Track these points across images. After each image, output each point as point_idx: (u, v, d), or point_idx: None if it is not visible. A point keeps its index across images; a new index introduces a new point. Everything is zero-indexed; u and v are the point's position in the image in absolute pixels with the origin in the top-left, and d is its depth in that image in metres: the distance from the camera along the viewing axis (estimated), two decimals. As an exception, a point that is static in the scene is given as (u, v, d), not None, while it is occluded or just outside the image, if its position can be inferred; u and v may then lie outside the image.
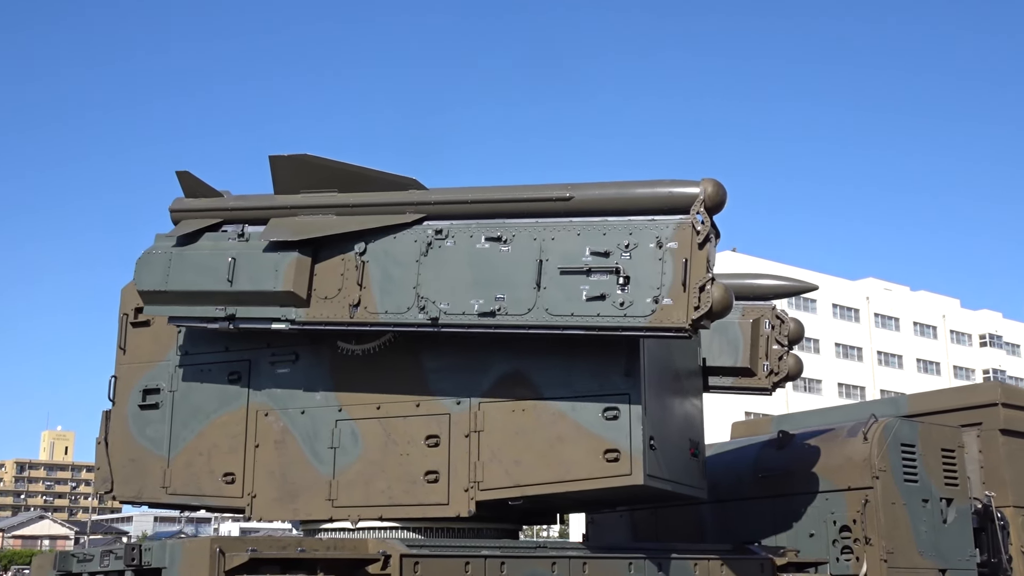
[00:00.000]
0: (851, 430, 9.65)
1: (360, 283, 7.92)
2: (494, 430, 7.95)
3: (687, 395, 8.73)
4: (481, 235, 7.70)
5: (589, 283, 7.32)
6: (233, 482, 8.63)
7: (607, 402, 7.67)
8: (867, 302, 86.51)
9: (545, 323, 7.39)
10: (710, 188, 7.20)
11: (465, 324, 7.60)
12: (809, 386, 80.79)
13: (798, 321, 9.99)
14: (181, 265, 8.36)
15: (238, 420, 8.75)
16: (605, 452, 7.61)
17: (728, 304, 7.14)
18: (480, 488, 7.89)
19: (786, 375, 9.84)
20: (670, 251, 7.18)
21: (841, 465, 9.44)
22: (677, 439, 8.36)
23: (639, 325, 7.16)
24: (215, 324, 8.25)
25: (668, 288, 7.11)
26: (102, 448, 9.25)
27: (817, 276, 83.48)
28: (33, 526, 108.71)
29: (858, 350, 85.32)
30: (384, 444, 8.22)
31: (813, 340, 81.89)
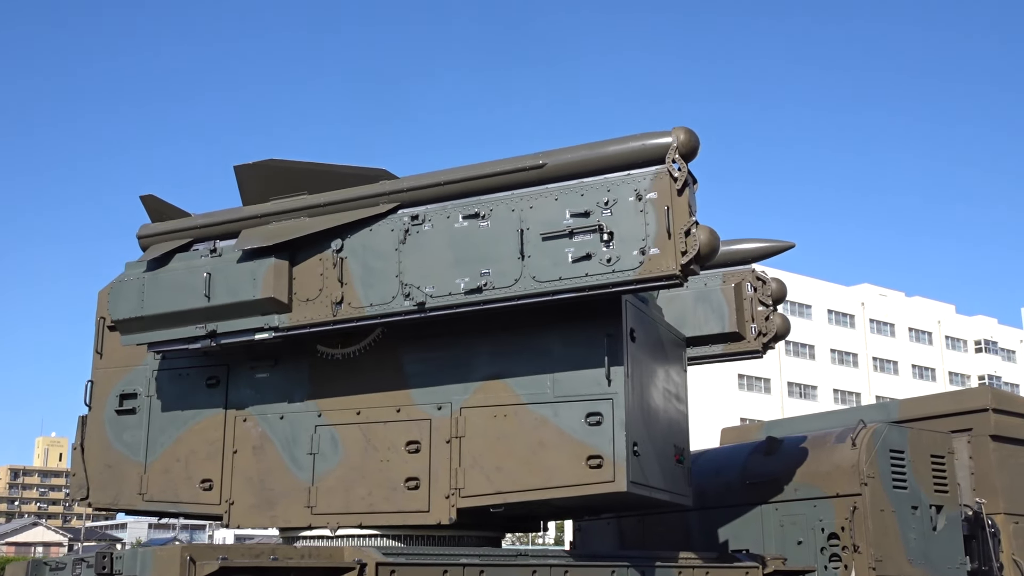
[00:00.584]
0: (839, 436, 9.54)
1: (341, 280, 7.83)
2: (475, 436, 7.83)
3: (672, 401, 8.60)
4: (458, 214, 7.61)
5: (573, 245, 7.24)
6: (211, 489, 8.50)
7: (590, 407, 7.55)
8: (862, 308, 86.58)
9: (534, 291, 7.30)
10: (682, 135, 7.14)
11: (453, 305, 7.50)
12: (805, 392, 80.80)
13: (780, 281, 9.99)
14: (155, 288, 8.25)
15: (216, 426, 8.63)
16: (588, 458, 7.47)
17: (715, 246, 7.06)
18: (461, 495, 7.77)
19: (775, 334, 9.85)
20: (650, 202, 7.11)
21: (829, 472, 9.33)
22: (662, 445, 8.22)
23: (629, 279, 7.08)
24: (197, 344, 8.14)
25: (653, 238, 7.04)
26: (78, 454, 9.13)
27: (812, 282, 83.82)
28: (27, 533, 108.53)
29: (853, 356, 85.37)
30: (364, 450, 8.09)
31: (808, 346, 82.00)
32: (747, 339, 9.83)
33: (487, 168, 7.65)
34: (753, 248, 10.01)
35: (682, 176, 7.08)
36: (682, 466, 8.63)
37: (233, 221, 8.29)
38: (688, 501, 8.78)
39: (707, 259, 7.09)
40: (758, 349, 9.86)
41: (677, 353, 8.83)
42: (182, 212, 8.61)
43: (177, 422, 8.74)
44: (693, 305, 9.80)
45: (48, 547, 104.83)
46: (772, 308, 9.89)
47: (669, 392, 8.52)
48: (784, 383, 79.98)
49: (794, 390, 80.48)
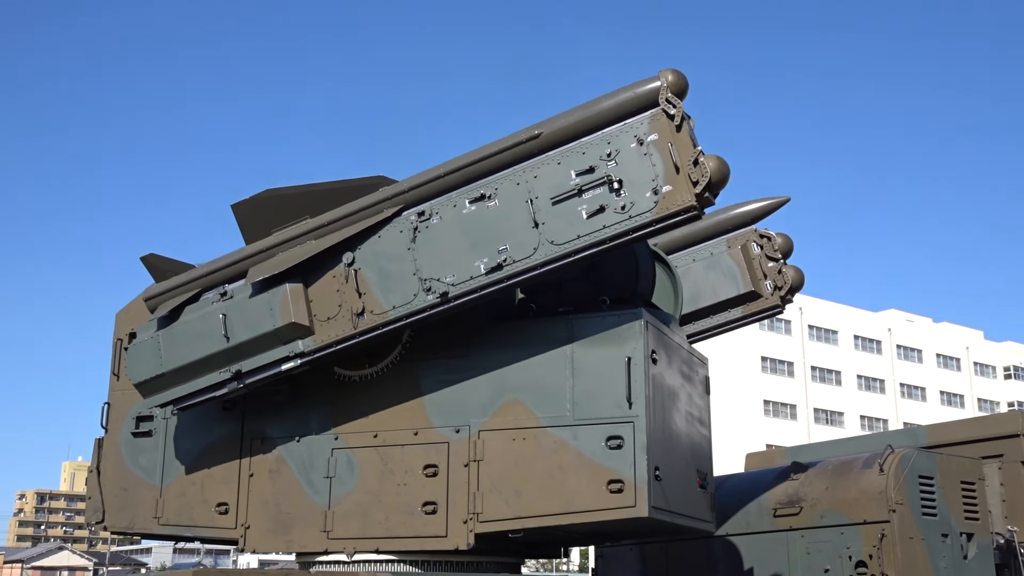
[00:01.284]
0: (867, 461, 9.35)
1: (359, 291, 7.79)
2: (494, 459, 7.72)
3: (695, 425, 8.45)
4: (464, 201, 7.60)
5: (585, 202, 7.25)
6: (226, 512, 8.43)
7: (610, 430, 7.44)
8: (889, 334, 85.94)
9: (554, 256, 7.29)
10: (671, 76, 7.18)
11: (477, 288, 7.48)
12: (831, 418, 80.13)
13: (784, 235, 9.99)
14: (171, 343, 8.20)
15: (232, 448, 8.56)
16: (608, 483, 7.35)
17: (726, 171, 7.07)
18: (479, 520, 7.65)
19: (790, 286, 9.90)
20: (652, 144, 7.15)
21: (856, 498, 9.13)
22: (684, 470, 8.08)
23: (647, 220, 7.09)
24: (224, 389, 8.07)
25: (663, 177, 7.08)
26: (93, 476, 9.04)
27: (838, 308, 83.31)
28: (52, 557, 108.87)
29: (880, 382, 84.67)
30: (381, 474, 8.00)
31: (835, 372, 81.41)
32: (764, 296, 9.87)
33: (484, 151, 7.62)
34: (750, 209, 10.02)
35: (678, 112, 7.10)
36: (705, 491, 8.47)
37: (239, 262, 8.23)
38: (712, 527, 8.62)
39: (719, 186, 7.09)
40: (777, 304, 9.90)
41: (700, 376, 8.71)
42: (186, 265, 8.59)
43: (193, 445, 8.67)
44: (704, 275, 9.87)
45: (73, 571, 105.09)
46: (782, 262, 9.92)
47: (692, 416, 8.37)
48: (810, 409, 79.35)
49: (820, 416, 79.83)
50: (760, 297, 9.86)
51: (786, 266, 9.93)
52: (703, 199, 7.03)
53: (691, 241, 10.00)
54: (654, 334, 7.73)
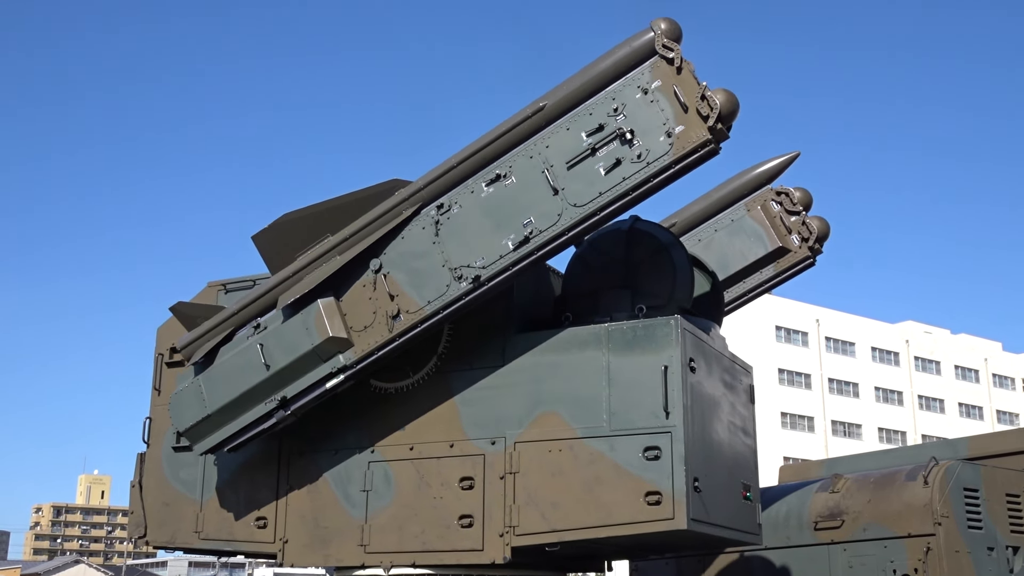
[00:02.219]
0: (910, 473, 9.21)
1: (391, 294, 7.79)
2: (530, 471, 7.63)
3: (738, 435, 8.32)
4: (480, 185, 7.63)
5: (600, 159, 7.28)
6: (265, 527, 8.41)
7: (647, 440, 7.33)
8: (907, 345, 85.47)
9: (579, 218, 7.30)
10: (663, 24, 7.24)
11: (509, 266, 7.48)
12: (849, 431, 79.68)
13: (802, 188, 10.04)
14: (212, 384, 8.22)
15: (271, 463, 8.55)
16: (646, 494, 7.24)
17: (735, 101, 7.09)
18: (516, 533, 7.56)
19: (817, 236, 9.99)
20: (657, 90, 7.19)
21: (900, 511, 8.99)
22: (727, 481, 7.95)
23: (667, 163, 7.11)
24: (273, 419, 8.06)
25: (673, 119, 7.11)
26: (136, 491, 9.05)
27: (855, 319, 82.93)
28: (69, 571, 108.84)
29: (898, 394, 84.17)
30: (417, 487, 7.94)
31: (852, 384, 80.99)
32: (793, 250, 9.96)
33: (493, 133, 7.67)
34: (763, 169, 10.06)
35: (677, 55, 7.14)
36: (750, 503, 8.31)
37: (267, 293, 8.25)
38: (758, 540, 8.47)
39: (730, 118, 7.11)
40: (808, 255, 10.02)
41: (743, 385, 8.58)
42: (215, 308, 8.65)
43: (233, 459, 8.63)
44: (729, 242, 9.93)
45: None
46: (804, 214, 10.00)
47: (735, 425, 8.24)
48: (828, 422, 78.92)
49: (838, 429, 79.39)
50: (789, 252, 9.96)
51: (809, 217, 10.00)
52: (717, 132, 7.05)
53: (711, 212, 10.11)
54: (692, 342, 7.63)
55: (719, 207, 10.09)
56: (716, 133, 7.04)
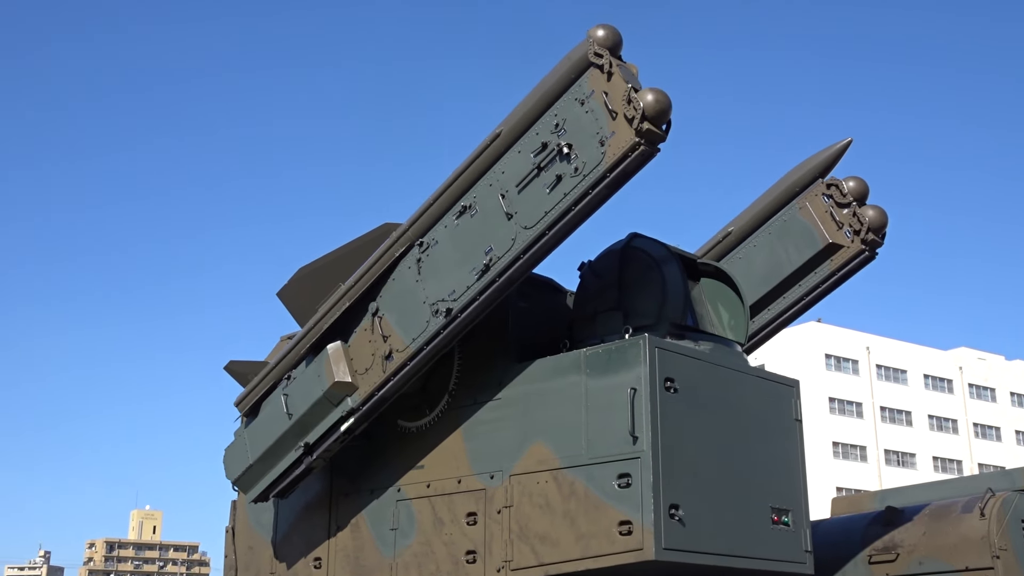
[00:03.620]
0: (966, 505, 8.99)
1: (384, 335, 7.96)
2: (522, 505, 7.57)
3: (766, 458, 7.92)
4: (452, 219, 7.74)
5: (544, 178, 7.25)
6: (320, 567, 8.64)
7: (620, 468, 7.11)
8: (960, 372, 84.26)
9: (530, 240, 7.27)
10: (599, 31, 7.10)
11: (474, 296, 7.52)
12: (903, 460, 78.56)
13: (856, 177, 9.30)
14: (253, 435, 8.66)
15: (323, 503, 8.79)
16: (619, 524, 7.02)
17: (661, 99, 6.84)
18: (511, 568, 7.53)
19: (869, 227, 9.15)
20: (591, 99, 7.07)
21: (957, 544, 8.78)
22: (742, 506, 7.57)
23: (601, 173, 6.98)
24: (302, 466, 8.37)
25: (606, 126, 6.98)
26: (229, 536, 9.56)
27: (907, 347, 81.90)
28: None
29: (953, 422, 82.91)
30: (433, 524, 8.03)
31: (905, 412, 79.93)
32: (845, 245, 9.20)
33: (462, 167, 7.73)
34: (813, 164, 9.43)
35: (606, 61, 7.01)
36: (788, 528, 7.89)
37: (296, 345, 8.58)
38: (804, 568, 8.06)
39: (659, 117, 6.87)
40: (862, 249, 9.19)
41: (783, 402, 8.18)
42: (261, 364, 9.04)
43: (297, 502, 8.94)
44: (780, 244, 9.38)
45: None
46: (854, 204, 9.23)
47: (760, 447, 7.86)
48: (881, 451, 77.88)
49: (891, 458, 78.29)
50: (841, 248, 9.22)
51: (861, 207, 9.23)
52: (646, 133, 6.84)
53: (766, 215, 9.57)
54: (669, 360, 7.35)
55: (773, 209, 9.54)
56: (645, 135, 6.84)
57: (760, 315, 9.45)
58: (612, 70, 7.02)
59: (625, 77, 6.99)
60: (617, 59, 7.08)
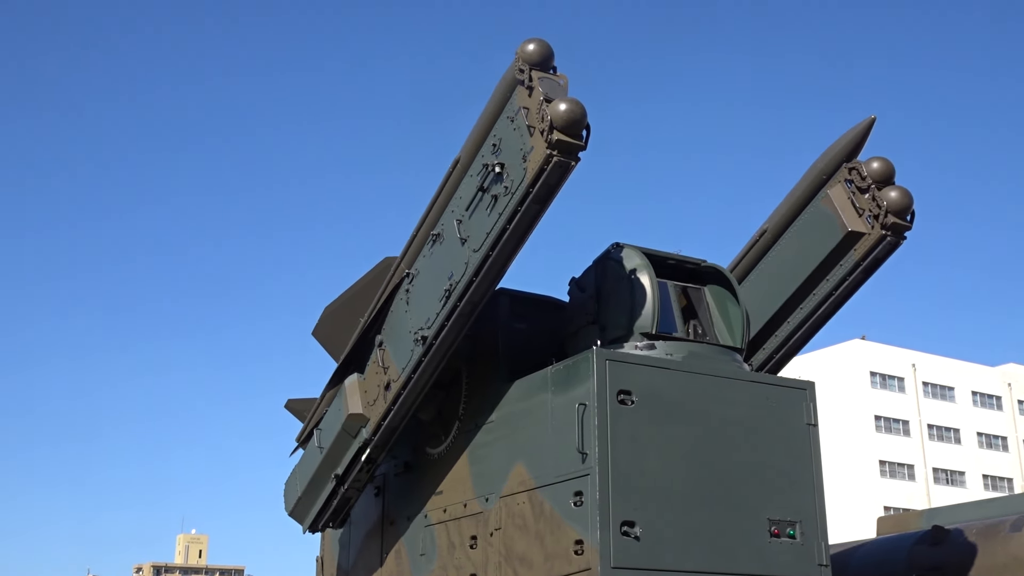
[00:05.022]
0: (1015, 524, 8.88)
1: (384, 366, 8.15)
2: (508, 527, 7.57)
3: (768, 461, 7.52)
4: (428, 248, 7.91)
5: (485, 199, 7.30)
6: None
7: (575, 485, 7.00)
8: (1009, 389, 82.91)
9: (478, 262, 7.28)
10: (527, 47, 7.03)
11: (442, 323, 7.58)
12: (952, 478, 77.35)
13: (881, 158, 8.64)
14: (300, 470, 9.10)
15: (377, 531, 9.03)
16: (575, 543, 6.91)
17: (571, 108, 6.75)
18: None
19: (888, 209, 8.47)
20: (518, 117, 7.04)
21: (1006, 563, 8.66)
22: (729, 517, 7.23)
23: (525, 189, 6.95)
24: (336, 499, 8.70)
25: (528, 142, 6.94)
26: (319, 564, 9.91)
27: (953, 363, 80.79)
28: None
29: (1003, 439, 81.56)
30: (447, 548, 8.11)
31: (953, 430, 78.77)
32: (867, 232, 8.54)
33: (434, 194, 7.91)
34: (838, 149, 8.84)
35: (526, 76, 6.98)
36: (794, 541, 7.44)
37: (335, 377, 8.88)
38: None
39: (570, 127, 6.75)
40: (885, 234, 8.52)
41: (783, 410, 7.72)
42: (313, 401, 9.38)
43: (359, 529, 9.27)
44: (806, 238, 8.86)
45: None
46: (873, 187, 8.57)
47: (760, 456, 7.50)
48: (929, 469, 76.69)
49: (940, 476, 77.08)
50: (864, 235, 8.58)
51: (880, 190, 8.55)
52: (557, 144, 6.75)
53: (798, 209, 9.07)
54: (624, 372, 7.12)
55: (804, 201, 9.02)
56: (557, 145, 6.75)
57: (793, 315, 8.98)
58: (532, 84, 6.94)
59: (544, 90, 6.88)
60: (545, 72, 6.99)
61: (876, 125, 8.53)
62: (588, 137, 6.88)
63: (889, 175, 8.61)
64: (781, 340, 8.93)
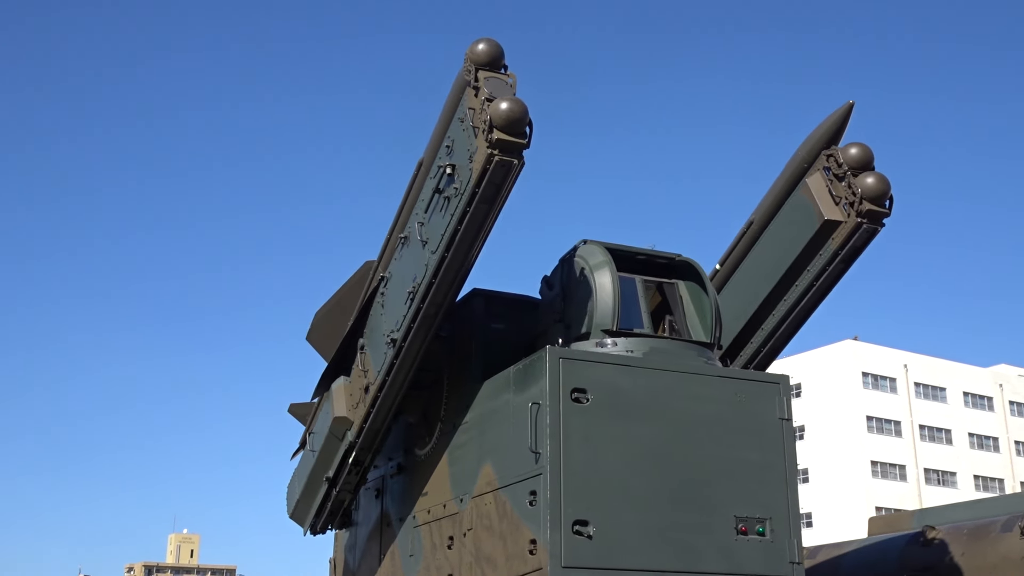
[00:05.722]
0: (1005, 524, 8.91)
1: (364, 370, 8.25)
2: (478, 528, 7.56)
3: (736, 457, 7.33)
4: (399, 251, 7.99)
5: (439, 201, 7.36)
6: None
7: (530, 485, 6.93)
8: (1001, 390, 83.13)
9: (436, 264, 7.31)
10: (476, 47, 7.01)
11: (408, 325, 7.62)
12: (943, 479, 77.52)
13: (859, 144, 8.43)
14: (298, 474, 9.31)
15: (376, 533, 9.11)
16: (530, 542, 6.85)
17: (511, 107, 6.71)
18: None
19: (862, 195, 8.27)
20: (467, 118, 7.03)
21: (996, 564, 8.69)
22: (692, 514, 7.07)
23: (471, 190, 6.93)
24: (331, 499, 8.86)
25: (474, 143, 6.94)
26: (331, 566, 10.06)
27: (945, 364, 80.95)
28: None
29: (994, 440, 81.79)
30: (431, 549, 8.13)
31: (945, 431, 78.95)
32: (844, 220, 8.33)
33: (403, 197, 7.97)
34: (818, 137, 8.67)
35: (471, 77, 6.98)
36: (762, 537, 7.22)
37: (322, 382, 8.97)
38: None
39: (511, 126, 6.71)
40: (861, 222, 8.31)
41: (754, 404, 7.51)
42: (312, 406, 9.53)
43: (364, 531, 9.37)
44: (786, 226, 8.71)
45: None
46: (849, 173, 8.37)
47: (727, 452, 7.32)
48: (920, 470, 76.87)
49: (931, 477, 77.26)
50: (840, 224, 8.38)
51: (856, 176, 8.33)
52: (499, 143, 6.72)
53: (782, 198, 8.91)
54: (579, 370, 7.04)
55: (787, 191, 8.85)
56: (497, 145, 6.72)
57: (777, 307, 8.84)
58: (478, 84, 6.91)
59: (489, 90, 6.84)
60: (494, 72, 6.96)
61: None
62: (531, 135, 6.81)
63: (867, 161, 8.44)
64: (767, 333, 8.80)
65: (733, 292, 9.06)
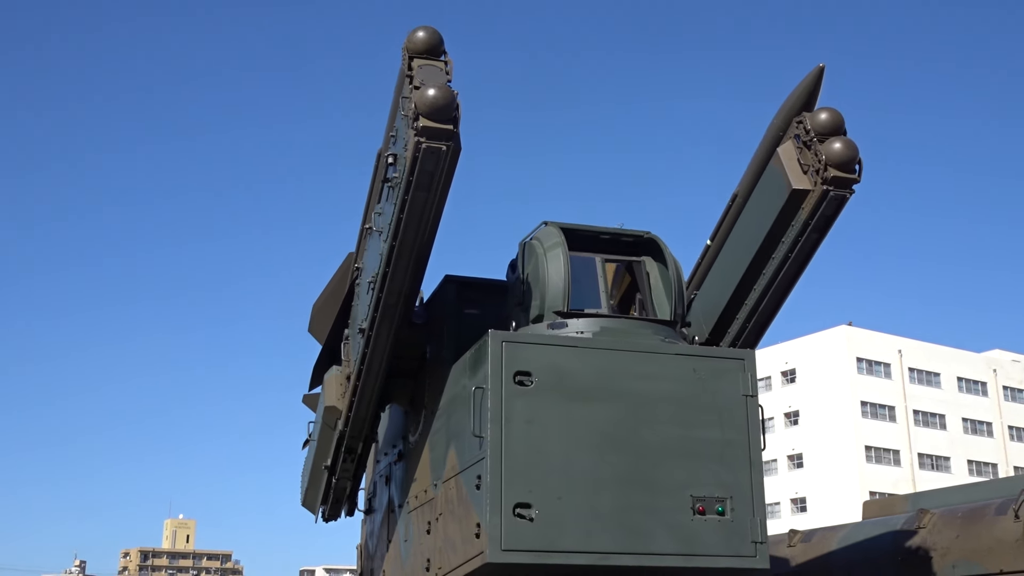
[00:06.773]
0: (1000, 507, 8.88)
1: (345, 359, 8.48)
2: (444, 513, 7.61)
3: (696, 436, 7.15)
4: (367, 241, 8.13)
5: (387, 191, 7.45)
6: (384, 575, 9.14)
7: (477, 470, 6.90)
8: (994, 375, 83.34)
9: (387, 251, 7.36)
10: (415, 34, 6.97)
11: (373, 315, 7.68)
12: (937, 464, 77.78)
13: (829, 108, 8.18)
14: (305, 463, 9.57)
15: (386, 519, 9.26)
16: (476, 526, 6.82)
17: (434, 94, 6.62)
18: (440, 574, 7.59)
19: (826, 162, 8.00)
20: (404, 107, 6.97)
21: (991, 547, 8.66)
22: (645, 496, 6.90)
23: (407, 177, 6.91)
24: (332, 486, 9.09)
25: (409, 131, 6.89)
26: (358, 551, 10.19)
27: (939, 349, 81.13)
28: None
29: (987, 425, 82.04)
30: (417, 534, 8.20)
31: (939, 416, 79.19)
32: (811, 190, 8.07)
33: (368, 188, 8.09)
34: (791, 104, 8.43)
35: (404, 66, 6.95)
36: (721, 517, 7.03)
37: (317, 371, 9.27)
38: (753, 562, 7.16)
39: (438, 112, 6.62)
40: (828, 188, 8.02)
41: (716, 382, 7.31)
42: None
43: (378, 517, 9.52)
44: (760, 198, 8.50)
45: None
46: (815, 140, 8.11)
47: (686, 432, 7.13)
48: (914, 455, 77.09)
49: (925, 462, 77.50)
50: (809, 192, 8.11)
51: (822, 143, 8.06)
52: (424, 130, 6.63)
53: (760, 169, 8.69)
54: (522, 353, 6.95)
55: (764, 161, 8.62)
56: (423, 132, 6.64)
57: (757, 282, 8.64)
58: (411, 73, 6.84)
59: (421, 78, 6.76)
60: (428, 60, 6.88)
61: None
62: (458, 120, 6.70)
63: (836, 127, 8.15)
64: (750, 309, 8.60)
65: (720, 268, 8.95)
